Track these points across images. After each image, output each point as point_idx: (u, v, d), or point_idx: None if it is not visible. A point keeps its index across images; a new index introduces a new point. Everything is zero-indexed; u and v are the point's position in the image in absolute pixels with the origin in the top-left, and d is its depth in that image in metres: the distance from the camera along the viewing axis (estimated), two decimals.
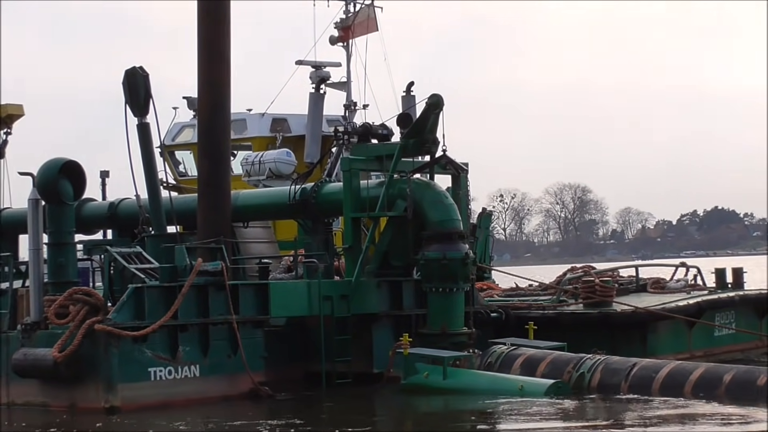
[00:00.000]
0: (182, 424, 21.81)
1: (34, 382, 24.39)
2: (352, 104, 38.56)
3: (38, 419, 23.44)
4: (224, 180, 28.50)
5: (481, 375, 24.89)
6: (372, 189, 27.66)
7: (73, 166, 25.31)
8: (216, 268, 24.96)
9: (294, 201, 29.07)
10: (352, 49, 38.98)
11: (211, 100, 28.40)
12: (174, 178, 39.83)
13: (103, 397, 23.51)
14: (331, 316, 26.43)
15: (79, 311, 23.79)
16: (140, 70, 27.42)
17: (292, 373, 26.63)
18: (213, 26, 28.47)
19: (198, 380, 24.56)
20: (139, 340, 23.71)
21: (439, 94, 27.13)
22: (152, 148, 28.06)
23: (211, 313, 24.83)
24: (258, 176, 36.40)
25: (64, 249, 25.17)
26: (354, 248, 27.44)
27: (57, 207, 25.13)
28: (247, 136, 39.28)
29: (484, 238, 35.24)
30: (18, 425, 23.12)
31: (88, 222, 32.91)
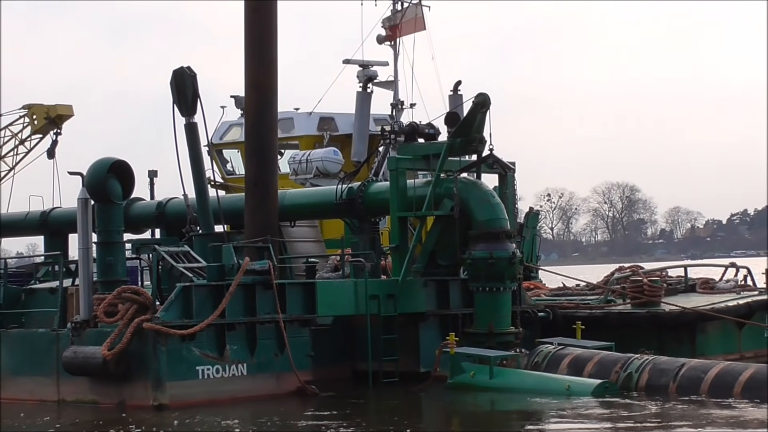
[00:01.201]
0: (230, 422, 21.88)
1: (84, 379, 24.58)
2: (399, 103, 38.57)
3: (88, 416, 23.62)
4: (271, 179, 28.59)
5: (528, 375, 24.81)
6: (419, 188, 27.65)
7: (121, 166, 25.47)
8: (263, 267, 25.04)
9: (341, 200, 29.13)
10: (400, 48, 38.99)
11: (258, 100, 28.49)
12: (221, 176, 40.01)
13: (151, 395, 23.65)
14: (378, 315, 26.45)
15: (127, 310, 23.95)
16: (188, 70, 27.57)
17: (339, 372, 26.66)
18: (260, 27, 28.58)
19: (245, 379, 24.66)
20: (187, 339, 23.84)
21: (486, 93, 27.09)
22: (200, 147, 28.22)
23: (258, 312, 24.92)
24: (305, 175, 36.49)
25: (112, 248, 25.33)
26: (401, 247, 27.44)
27: (106, 206, 25.30)
28: (294, 134, 39.39)
29: (531, 237, 35.14)
30: (69, 422, 23.29)
31: (136, 221, 33.14)
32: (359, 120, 38.04)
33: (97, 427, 22.54)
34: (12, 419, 23.41)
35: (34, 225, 37.04)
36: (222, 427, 21.58)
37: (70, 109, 45.05)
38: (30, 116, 44.58)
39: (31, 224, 37.12)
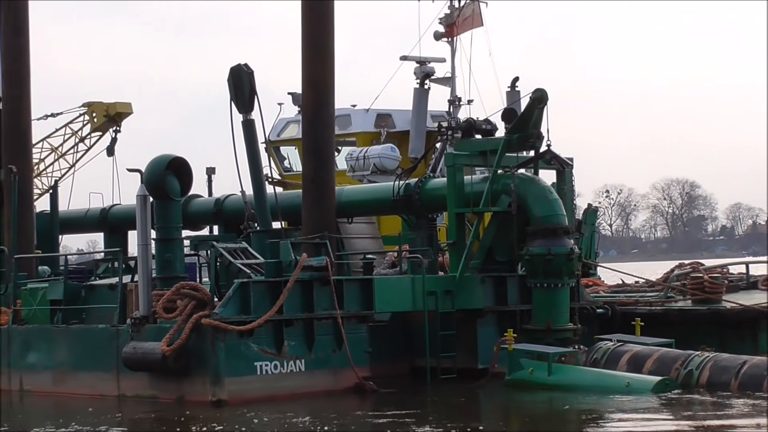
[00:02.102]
0: (287, 418, 21.93)
1: (144, 375, 24.73)
2: (456, 99, 38.50)
3: (148, 411, 23.77)
4: (329, 176, 28.63)
5: (587, 371, 24.67)
6: (476, 184, 27.59)
7: (180, 163, 25.59)
8: (321, 264, 25.07)
9: (398, 196, 29.13)
10: (457, 44, 38.91)
11: (316, 97, 28.54)
12: (279, 173, 40.13)
13: (210, 391, 23.75)
14: (435, 311, 26.41)
15: (186, 306, 24.06)
16: (245, 67, 27.66)
17: (397, 368, 26.65)
18: (317, 24, 28.62)
19: (303, 375, 24.71)
20: (245, 335, 23.92)
21: (544, 88, 26.96)
22: (257, 144, 28.32)
23: (315, 308, 24.96)
24: (362, 172, 36.52)
25: (171, 244, 25.47)
26: (458, 244, 27.39)
27: (164, 203, 25.43)
28: (351, 131, 39.43)
29: (590, 234, 34.93)
30: (129, 417, 23.45)
31: (194, 218, 33.34)
32: (416, 116, 38.00)
33: (157, 422, 22.65)
34: (75, 414, 23.59)
35: (94, 222, 37.40)
36: (280, 423, 21.62)
37: (130, 107, 45.41)
38: (90, 114, 44.98)
39: (91, 221, 37.48)
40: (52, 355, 27.08)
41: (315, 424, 21.26)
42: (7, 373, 27.97)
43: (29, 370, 27.52)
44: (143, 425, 22.48)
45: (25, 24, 32.29)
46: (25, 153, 32.39)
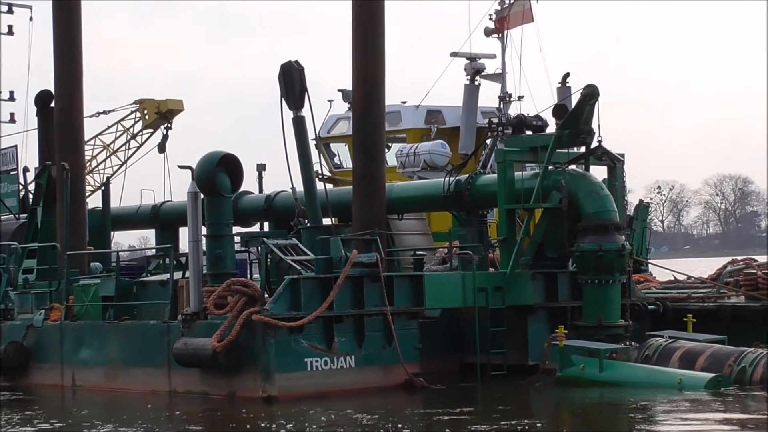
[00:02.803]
0: (337, 415, 21.95)
1: (195, 371, 24.83)
2: (506, 95, 38.42)
3: (199, 408, 23.86)
4: (379, 172, 28.62)
5: (639, 368, 24.51)
6: (526, 180, 27.48)
7: (230, 160, 25.65)
8: (371, 260, 25.07)
9: (448, 193, 29.09)
10: (507, 40, 38.84)
11: (366, 94, 28.54)
12: (329, 170, 40.20)
13: (260, 387, 23.81)
14: (486, 307, 26.35)
15: (237, 302, 24.12)
16: (296, 64, 27.71)
17: (447, 364, 26.62)
18: (367, 20, 28.61)
19: (353, 371, 24.71)
20: (295, 331, 23.95)
21: (595, 84, 26.82)
22: (308, 140, 28.36)
23: (366, 305, 24.95)
24: (413, 168, 36.51)
25: (222, 241, 25.54)
26: (509, 240, 27.31)
27: (215, 200, 25.51)
28: (401, 128, 39.42)
29: (641, 230, 34.73)
30: (180, 414, 23.55)
31: (245, 214, 33.47)
32: (467, 113, 37.95)
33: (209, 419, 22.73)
34: (127, 410, 23.73)
35: (145, 218, 37.62)
36: (330, 419, 21.64)
37: (181, 104, 45.67)
38: (141, 111, 45.28)
39: (143, 218, 37.70)
40: (104, 350, 27.26)
41: (365, 420, 21.26)
42: (59, 368, 28.20)
43: (81, 365, 27.72)
44: (195, 422, 22.55)
45: (78, 23, 32.50)
46: (77, 150, 32.60)
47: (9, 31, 42.28)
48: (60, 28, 32.37)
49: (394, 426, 20.55)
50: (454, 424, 20.55)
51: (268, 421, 21.70)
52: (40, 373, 28.80)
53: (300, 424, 21.11)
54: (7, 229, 36.85)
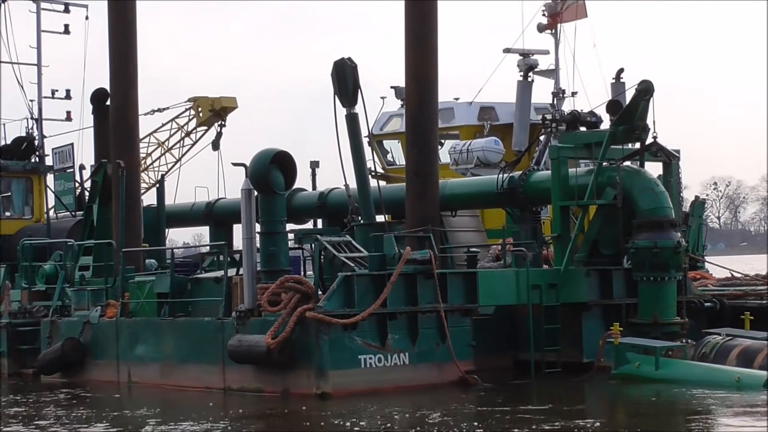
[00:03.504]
0: (391, 412, 21.93)
1: (249, 367, 24.90)
2: (560, 91, 38.29)
3: (253, 404, 23.93)
4: (432, 169, 28.60)
5: (695, 366, 24.31)
6: (580, 177, 27.36)
7: (284, 157, 25.70)
8: (424, 257, 25.03)
9: (502, 189, 29.01)
10: (561, 36, 38.70)
11: (419, 91, 28.52)
12: (382, 167, 40.23)
13: (314, 384, 23.85)
14: (540, 305, 26.24)
15: (290, 299, 24.17)
16: (349, 61, 27.70)
17: (501, 361, 26.54)
18: (420, 17, 28.59)
19: (407, 368, 24.69)
20: (349, 328, 23.96)
21: (650, 80, 26.65)
22: (361, 137, 28.32)
23: (419, 302, 24.92)
24: (466, 165, 36.48)
25: (275, 238, 25.60)
26: (562, 237, 27.19)
27: (269, 197, 25.57)
28: (454, 124, 39.40)
29: (697, 226, 34.48)
30: (235, 410, 23.63)
31: (298, 211, 33.55)
32: (520, 109, 37.88)
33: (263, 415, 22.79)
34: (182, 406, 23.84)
35: (199, 216, 37.82)
36: (384, 416, 21.62)
37: (234, 101, 45.83)
38: (195, 109, 45.50)
39: (197, 215, 37.91)
40: (159, 347, 27.41)
41: (419, 418, 21.23)
42: (116, 364, 28.40)
43: (137, 362, 27.90)
44: (250, 419, 22.61)
45: (133, 21, 32.71)
46: (132, 148, 32.81)
47: (65, 30, 42.56)
48: (115, 27, 32.59)
49: (447, 424, 20.49)
50: (509, 422, 20.46)
51: (323, 418, 21.71)
52: (97, 369, 29.02)
53: (354, 421, 21.10)
54: (63, 227, 37.20)
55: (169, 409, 23.29)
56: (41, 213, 40.03)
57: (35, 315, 31.81)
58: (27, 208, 40.60)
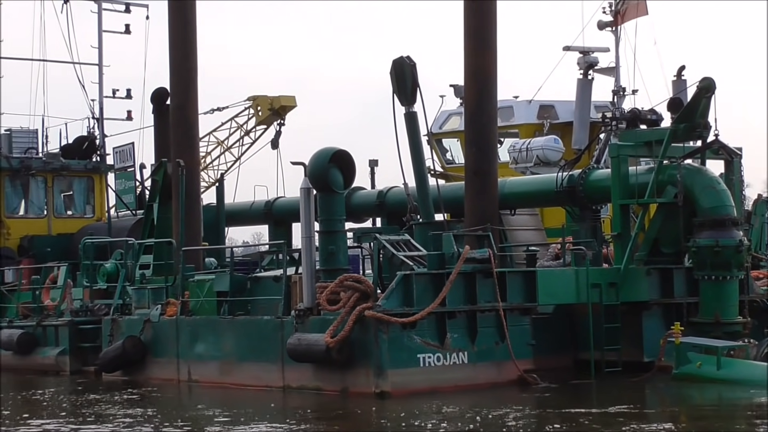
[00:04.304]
0: (451, 411, 21.88)
1: (308, 366, 24.93)
2: (620, 89, 38.05)
3: (312, 403, 23.97)
4: (491, 167, 28.52)
5: (758, 366, 24.05)
6: (641, 175, 27.16)
7: (343, 156, 25.72)
8: (483, 256, 24.96)
9: (561, 188, 28.87)
10: (621, 33, 38.49)
11: (478, 89, 28.44)
12: (441, 165, 40.20)
13: (373, 383, 23.84)
14: (600, 303, 26.08)
15: (349, 298, 24.19)
16: (407, 59, 27.70)
17: (561, 361, 26.40)
18: (479, 15, 28.50)
19: (466, 367, 24.63)
20: (407, 327, 23.93)
21: (711, 77, 26.41)
22: (419, 136, 28.33)
23: (478, 301, 24.85)
24: (525, 163, 36.36)
25: (334, 237, 25.63)
26: (623, 235, 27.01)
27: (328, 195, 25.60)
28: (514, 123, 39.29)
29: (760, 225, 34.08)
30: (295, 409, 23.68)
31: (357, 210, 33.56)
32: (580, 107, 37.69)
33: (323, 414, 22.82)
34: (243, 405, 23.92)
35: (258, 214, 37.96)
36: (443, 415, 21.58)
37: (293, 100, 45.95)
38: (255, 108, 45.67)
39: (256, 214, 38.04)
40: (219, 345, 27.51)
41: (478, 417, 21.16)
42: (176, 363, 28.55)
43: (197, 360, 28.02)
44: (309, 417, 22.64)
45: (193, 21, 32.88)
46: (192, 147, 33.00)
47: (126, 30, 42.95)
48: (175, 27, 32.78)
49: (506, 424, 20.41)
50: (570, 425, 20.31)
51: (382, 417, 21.70)
52: (157, 367, 29.20)
53: (414, 420, 21.08)
54: (124, 225, 37.52)
55: (231, 408, 23.31)
56: (102, 212, 40.44)
57: (97, 313, 32.09)
58: (88, 207, 41.05)
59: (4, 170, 39.60)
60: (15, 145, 40.19)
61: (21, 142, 40.39)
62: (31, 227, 39.76)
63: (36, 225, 39.89)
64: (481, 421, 20.70)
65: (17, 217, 40.07)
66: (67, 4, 41.21)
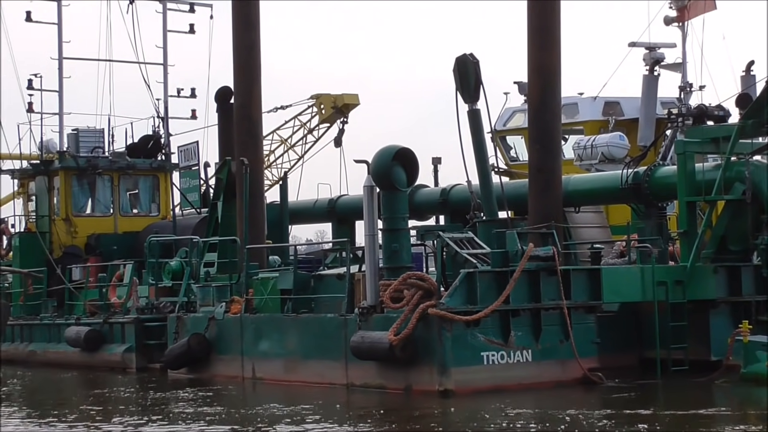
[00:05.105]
0: (515, 409, 21.73)
1: (372, 364, 24.92)
2: (687, 85, 37.66)
3: (376, 401, 23.93)
4: (555, 165, 28.33)
5: None
6: (708, 172, 26.86)
7: (406, 154, 25.66)
8: (547, 253, 24.81)
9: (626, 185, 28.65)
10: (688, 29, 38.10)
11: (542, 85, 28.27)
12: (505, 163, 40.03)
13: (437, 381, 23.77)
14: (666, 302, 25.82)
15: (413, 296, 24.13)
16: (470, 56, 27.60)
17: (626, 359, 26.16)
18: (543, 11, 28.33)
19: (530, 365, 24.49)
20: (471, 325, 23.84)
21: None
22: (483, 133, 28.23)
23: (542, 299, 24.71)
24: (590, 160, 36.12)
25: (398, 234, 25.58)
26: (689, 233, 26.71)
27: (391, 193, 25.56)
28: (578, 120, 39.05)
29: None
30: (359, 407, 23.67)
31: (420, 208, 33.52)
32: (646, 104, 37.36)
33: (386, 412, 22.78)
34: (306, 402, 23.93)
35: (322, 212, 38.05)
36: (507, 414, 21.42)
37: (356, 98, 45.98)
38: (318, 106, 45.73)
39: (320, 211, 38.13)
40: (283, 343, 27.58)
41: (542, 416, 21.00)
42: (240, 360, 28.66)
43: (261, 357, 28.11)
44: (372, 415, 22.60)
45: (256, 20, 33.01)
46: (256, 145, 33.13)
47: (190, 29, 43.24)
48: (239, 26, 32.93)
49: (571, 424, 20.21)
50: (633, 422, 20.06)
51: (446, 416, 21.61)
52: (222, 364, 29.33)
53: (478, 419, 20.97)
54: (189, 224, 37.76)
55: (296, 406, 23.27)
56: (167, 210, 40.72)
57: (162, 311, 32.33)
58: (153, 206, 41.38)
59: (72, 169, 40.00)
60: (82, 145, 40.62)
61: (88, 141, 40.81)
62: (98, 226, 40.15)
63: (102, 223, 40.27)
64: (548, 421, 20.51)
65: (84, 215, 40.49)
66: (133, 4, 41.54)
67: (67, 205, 39.95)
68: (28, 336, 37.62)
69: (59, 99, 40.32)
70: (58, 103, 40.33)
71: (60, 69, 40.33)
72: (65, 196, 39.91)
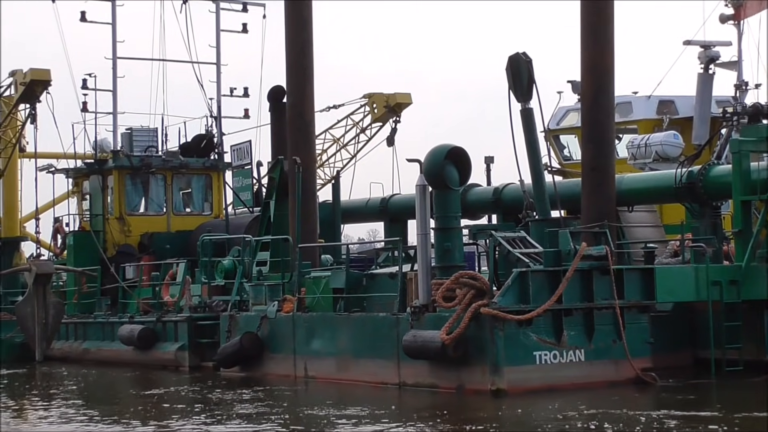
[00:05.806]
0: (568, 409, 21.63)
1: (424, 363, 24.90)
2: (743, 84, 37.39)
3: (428, 400, 23.91)
4: (608, 164, 28.18)
5: None
6: (763, 171, 26.60)
7: (458, 153, 25.62)
8: (600, 253, 24.69)
9: (680, 184, 28.45)
10: (744, 27, 37.79)
11: (595, 84, 28.13)
12: (558, 162, 39.88)
13: (489, 380, 23.72)
14: (720, 301, 25.61)
15: (465, 295, 24.09)
16: (524, 55, 27.50)
17: (680, 359, 26.01)
18: (596, 8, 28.19)
19: (583, 365, 24.38)
20: (524, 324, 23.76)
21: None
22: (536, 132, 28.12)
23: (595, 298, 24.59)
24: (644, 159, 35.91)
25: (450, 234, 25.55)
26: (744, 232, 26.47)
27: (443, 192, 25.54)
28: (632, 118, 38.83)
29: None
30: (410, 405, 23.65)
31: (473, 207, 33.46)
32: (700, 102, 37.10)
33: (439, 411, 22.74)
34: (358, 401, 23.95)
35: (374, 211, 38.07)
36: (560, 414, 21.33)
37: (409, 97, 45.98)
38: (370, 105, 45.79)
39: (372, 210, 38.16)
40: (335, 342, 27.62)
41: (595, 417, 20.87)
42: (292, 359, 28.74)
43: (313, 356, 28.18)
44: (424, 413, 22.56)
45: (309, 19, 33.07)
46: (308, 144, 33.18)
47: (243, 29, 43.43)
48: (292, 25, 32.99)
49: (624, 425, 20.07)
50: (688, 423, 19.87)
51: (499, 414, 21.54)
52: (274, 363, 29.43)
53: (530, 418, 20.89)
54: (241, 223, 37.92)
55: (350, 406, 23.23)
56: (220, 209, 40.95)
57: (215, 309, 32.49)
58: (206, 205, 41.63)
59: (125, 169, 40.30)
60: (135, 144, 40.91)
61: (141, 140, 41.10)
62: (151, 224, 40.44)
63: (156, 222, 40.56)
64: (603, 421, 20.37)
65: (138, 214, 40.80)
66: (186, 4, 41.81)
67: (121, 204, 40.26)
68: (81, 334, 37.98)
69: (113, 98, 40.65)
70: (112, 103, 40.66)
71: (114, 68, 40.66)
72: (119, 195, 40.23)
